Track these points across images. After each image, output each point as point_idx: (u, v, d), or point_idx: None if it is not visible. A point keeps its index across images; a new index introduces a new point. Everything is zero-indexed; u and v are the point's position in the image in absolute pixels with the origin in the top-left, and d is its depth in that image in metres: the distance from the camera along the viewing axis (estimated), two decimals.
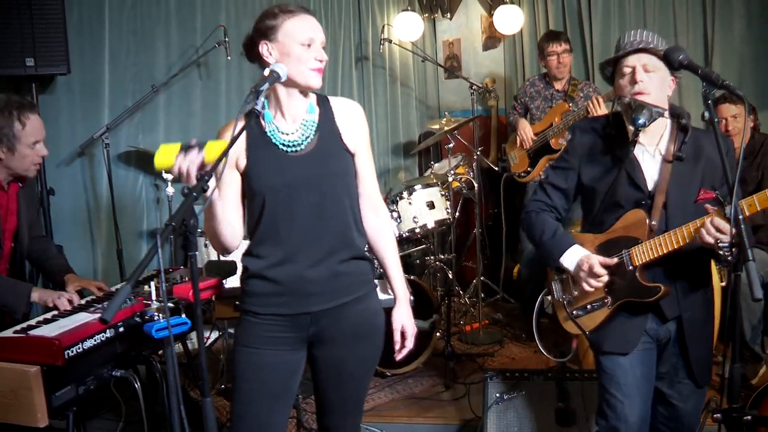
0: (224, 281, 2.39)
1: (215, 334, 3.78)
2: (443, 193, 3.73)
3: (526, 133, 4.04)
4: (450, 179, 3.87)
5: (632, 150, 1.93)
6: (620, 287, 1.94)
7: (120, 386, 2.47)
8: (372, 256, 1.92)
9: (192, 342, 3.43)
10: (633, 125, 1.86)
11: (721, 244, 1.70)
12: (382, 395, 3.27)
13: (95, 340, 1.95)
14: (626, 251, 1.92)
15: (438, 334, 3.58)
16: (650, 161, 1.96)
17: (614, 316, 1.98)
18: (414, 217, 3.59)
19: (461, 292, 4.44)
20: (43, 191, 3.41)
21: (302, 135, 1.76)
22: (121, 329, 2.04)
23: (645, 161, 1.96)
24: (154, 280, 2.07)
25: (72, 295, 2.30)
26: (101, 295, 2.40)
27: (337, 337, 1.81)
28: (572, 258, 1.98)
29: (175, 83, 4.00)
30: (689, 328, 1.95)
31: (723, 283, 2.86)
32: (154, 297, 1.99)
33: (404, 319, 1.90)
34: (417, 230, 3.60)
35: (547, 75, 4.08)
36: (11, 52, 3.21)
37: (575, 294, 2.05)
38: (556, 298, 2.11)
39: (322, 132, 1.78)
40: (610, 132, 2.01)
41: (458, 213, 4.23)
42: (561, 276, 2.10)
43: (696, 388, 2.01)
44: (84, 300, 2.32)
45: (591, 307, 2.01)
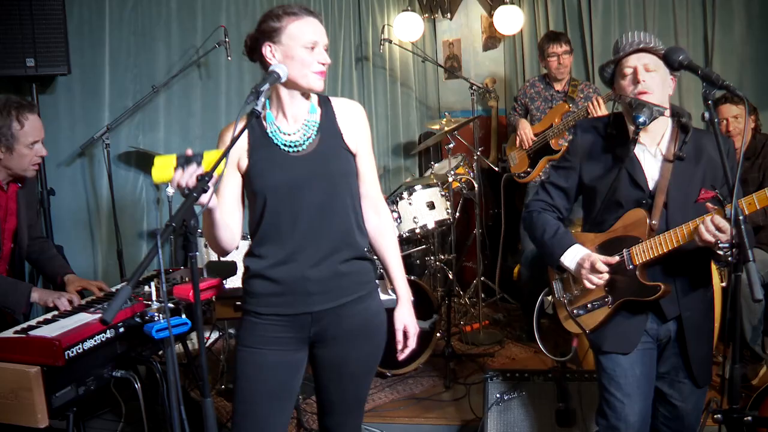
0: (224, 282, 2.39)
1: (215, 335, 3.78)
2: (443, 194, 3.72)
3: (526, 134, 4.04)
4: (450, 179, 3.86)
5: (633, 149, 1.93)
6: (621, 286, 1.94)
7: (120, 387, 2.47)
8: (373, 257, 1.92)
9: (192, 342, 3.43)
10: (634, 123, 1.86)
11: (722, 245, 1.70)
12: (383, 396, 3.27)
13: (95, 341, 1.95)
14: (626, 250, 1.93)
15: (438, 335, 3.58)
16: (651, 161, 1.96)
17: (614, 316, 1.98)
18: (414, 218, 3.59)
19: (461, 293, 4.44)
20: (44, 192, 3.41)
21: (304, 135, 1.76)
22: (122, 330, 2.05)
23: (646, 160, 1.96)
24: (155, 281, 2.07)
25: (72, 296, 2.30)
26: (101, 296, 2.40)
27: (339, 337, 1.81)
28: (573, 257, 1.99)
29: (176, 84, 4.00)
30: (689, 328, 1.95)
31: (723, 284, 2.86)
32: (155, 297, 1.99)
33: (406, 319, 1.90)
34: (417, 230, 3.60)
35: (548, 76, 4.08)
36: (12, 53, 3.21)
37: (576, 293, 2.05)
38: (557, 297, 2.11)
39: (324, 132, 1.78)
40: (612, 132, 2.01)
41: (458, 213, 4.23)
42: (562, 275, 2.10)
43: (696, 388, 2.01)
44: (84, 300, 2.32)
45: (592, 306, 2.02)
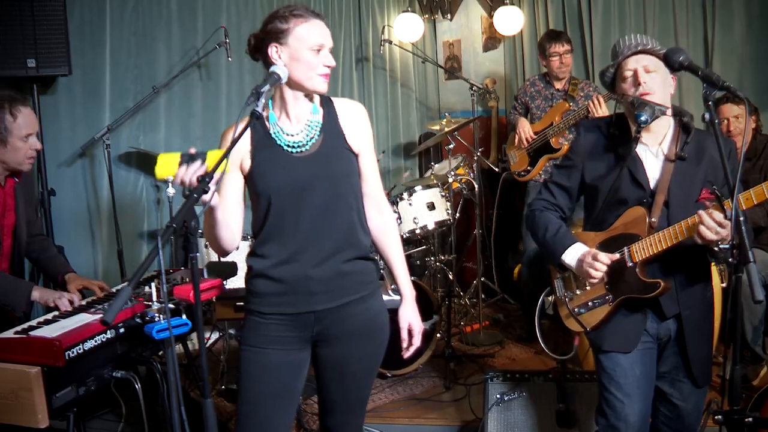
0: (225, 282, 2.39)
1: (216, 335, 3.79)
2: (443, 194, 3.72)
3: (525, 132, 4.03)
4: (450, 180, 3.86)
5: (635, 148, 1.94)
6: (621, 284, 1.95)
7: (120, 387, 2.47)
8: (376, 256, 1.93)
9: (192, 343, 3.43)
10: (636, 123, 1.87)
11: (722, 246, 1.70)
12: (383, 396, 3.27)
13: (96, 341, 1.95)
14: (627, 248, 1.93)
15: (438, 335, 3.58)
16: (653, 160, 1.97)
17: (615, 314, 1.98)
18: (414, 218, 3.59)
19: (461, 293, 4.44)
20: (44, 192, 3.41)
21: (307, 136, 1.77)
22: (122, 330, 2.05)
23: (648, 159, 1.97)
24: (155, 281, 2.07)
25: (73, 296, 2.30)
26: (102, 296, 2.40)
27: (341, 336, 1.82)
28: (574, 254, 2.00)
29: (176, 84, 4.00)
30: (689, 328, 1.96)
31: (724, 285, 2.86)
32: (155, 298, 1.99)
33: (411, 317, 1.91)
34: (417, 231, 3.60)
35: (548, 74, 4.07)
36: (13, 53, 3.21)
37: (577, 291, 2.06)
38: (559, 296, 2.12)
39: (327, 133, 1.79)
40: (614, 132, 2.02)
41: (458, 214, 4.23)
42: (563, 274, 2.11)
43: (696, 388, 2.01)
44: (85, 301, 2.32)
45: (592, 304, 2.02)
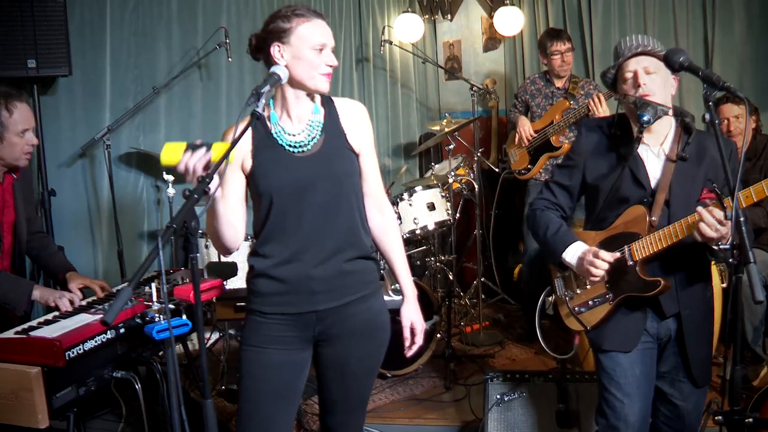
0: (225, 282, 2.39)
1: (216, 336, 3.79)
2: (444, 195, 3.72)
3: (525, 130, 4.02)
4: (450, 180, 3.86)
5: (637, 148, 1.94)
6: (621, 283, 1.95)
7: (120, 387, 2.47)
8: (377, 256, 1.93)
9: (193, 343, 3.43)
10: (638, 123, 1.87)
11: (722, 246, 1.70)
12: (383, 396, 3.27)
13: (96, 342, 1.95)
14: (627, 246, 1.93)
15: (439, 336, 3.58)
16: (654, 160, 1.97)
17: (615, 313, 1.99)
18: (414, 219, 3.59)
19: (462, 294, 4.44)
20: (45, 192, 3.41)
21: (308, 136, 1.77)
22: (122, 330, 2.05)
23: (649, 159, 1.97)
24: (155, 282, 2.08)
25: (73, 296, 2.30)
26: (103, 296, 2.40)
27: (342, 336, 1.82)
28: (574, 253, 2.00)
29: (176, 85, 4.00)
30: (689, 327, 1.96)
31: (724, 285, 2.86)
32: (155, 298, 1.99)
33: (413, 316, 1.93)
34: (417, 231, 3.60)
35: (548, 73, 4.06)
36: (13, 54, 3.21)
37: (578, 291, 2.07)
38: (559, 295, 2.12)
39: (328, 132, 1.80)
40: (616, 132, 2.02)
41: (459, 214, 4.23)
42: (564, 273, 2.11)
43: (696, 388, 2.01)
44: (85, 301, 2.32)
45: (593, 303, 2.03)
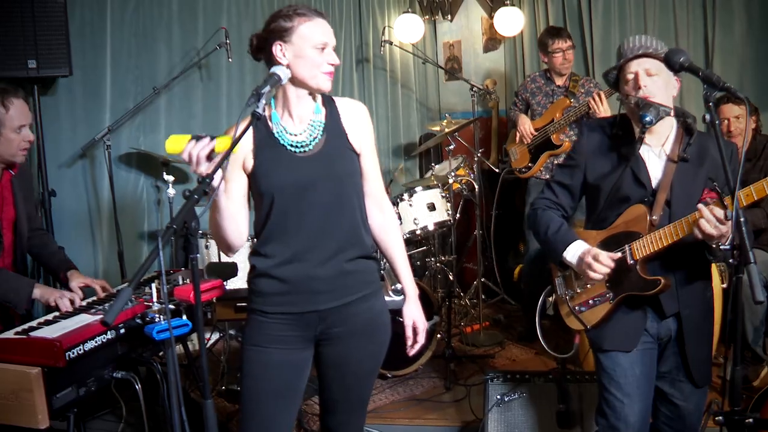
0: (225, 283, 2.38)
1: (216, 336, 3.79)
2: (444, 195, 3.72)
3: (526, 129, 4.02)
4: (450, 181, 3.86)
5: (638, 148, 1.94)
6: (622, 282, 1.95)
7: (121, 387, 2.47)
8: (378, 256, 1.93)
9: (193, 343, 3.43)
10: (640, 124, 1.88)
11: (722, 247, 1.70)
12: (383, 397, 3.27)
13: (96, 342, 1.95)
14: (627, 245, 1.94)
15: (439, 336, 3.58)
16: (655, 160, 1.98)
17: (615, 312, 1.99)
18: (414, 219, 3.59)
19: (462, 294, 4.44)
20: (45, 193, 3.41)
21: (310, 136, 1.78)
22: (122, 331, 2.05)
23: (650, 160, 1.98)
24: (156, 282, 2.07)
25: (74, 295, 2.29)
26: (103, 296, 2.40)
27: (343, 335, 1.82)
28: (575, 252, 2.00)
29: (177, 85, 4.00)
30: (688, 327, 1.96)
31: (724, 285, 2.86)
32: (155, 299, 1.99)
33: (415, 315, 1.94)
34: (418, 232, 3.60)
35: (549, 71, 4.05)
36: (13, 54, 3.21)
37: (578, 290, 2.07)
38: (559, 294, 2.12)
39: (329, 132, 1.80)
40: (617, 132, 2.03)
41: (459, 215, 4.23)
42: (564, 272, 2.11)
43: (696, 388, 2.02)
44: (85, 301, 2.32)
45: (593, 302, 2.03)
